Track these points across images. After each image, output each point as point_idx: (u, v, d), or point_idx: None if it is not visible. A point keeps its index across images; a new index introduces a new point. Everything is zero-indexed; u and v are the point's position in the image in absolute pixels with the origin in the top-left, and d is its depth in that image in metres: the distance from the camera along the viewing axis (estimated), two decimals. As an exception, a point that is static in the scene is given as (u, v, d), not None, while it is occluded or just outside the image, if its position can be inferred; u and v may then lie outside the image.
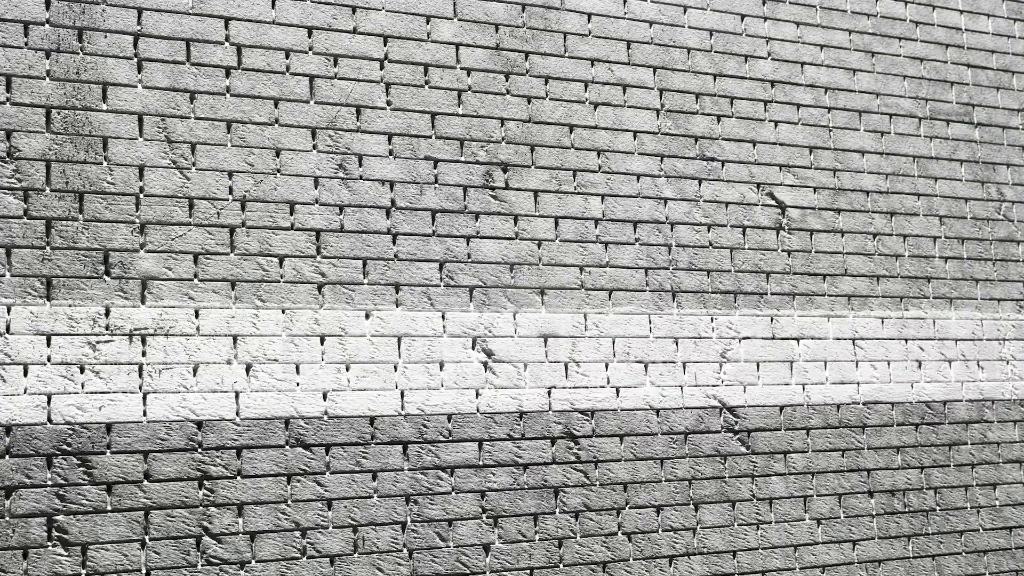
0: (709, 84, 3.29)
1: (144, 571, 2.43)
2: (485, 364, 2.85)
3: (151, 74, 2.62)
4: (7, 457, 2.36)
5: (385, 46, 2.89)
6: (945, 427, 3.44)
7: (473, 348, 2.84)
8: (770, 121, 3.36)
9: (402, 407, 2.74)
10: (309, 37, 2.80)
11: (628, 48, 3.20)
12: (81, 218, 2.50)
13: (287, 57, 2.77)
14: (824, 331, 3.32)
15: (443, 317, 2.82)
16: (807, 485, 3.20)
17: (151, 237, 2.56)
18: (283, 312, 2.66)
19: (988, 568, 3.42)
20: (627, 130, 3.15)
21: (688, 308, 3.13)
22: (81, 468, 2.41)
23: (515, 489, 2.83)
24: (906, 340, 3.44)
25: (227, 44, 2.71)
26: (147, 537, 2.45)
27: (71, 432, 2.42)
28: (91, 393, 2.45)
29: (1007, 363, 3.58)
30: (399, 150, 2.85)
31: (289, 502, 2.59)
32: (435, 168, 2.89)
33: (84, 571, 2.39)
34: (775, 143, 3.35)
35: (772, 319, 3.24)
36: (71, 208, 2.49)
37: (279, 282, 2.67)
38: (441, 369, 2.80)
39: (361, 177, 2.80)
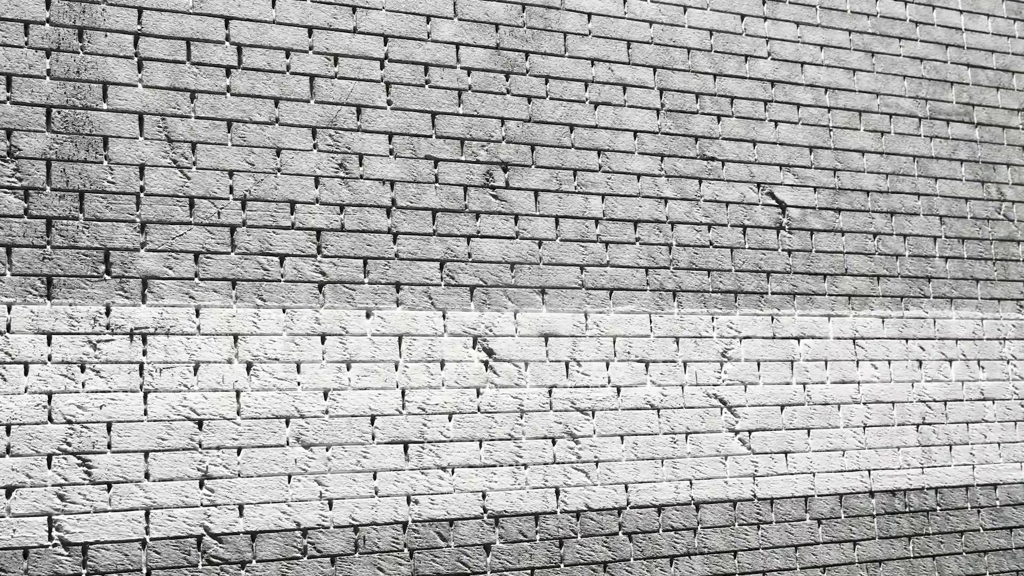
0: (709, 84, 3.29)
1: (144, 571, 2.43)
2: (486, 363, 2.85)
3: (151, 73, 2.62)
4: (7, 456, 2.36)
5: (385, 46, 2.89)
6: (946, 426, 3.44)
7: (474, 347, 2.84)
8: (770, 121, 3.36)
9: (403, 406, 2.74)
10: (309, 36, 2.80)
11: (628, 48, 3.20)
12: (82, 217, 2.50)
13: (287, 56, 2.77)
14: (824, 331, 3.32)
15: (444, 316, 2.82)
16: (808, 485, 3.19)
17: (152, 236, 2.56)
18: (284, 311, 2.66)
19: (988, 568, 3.42)
20: (627, 130, 3.15)
21: (689, 307, 3.13)
22: (81, 467, 2.41)
23: (516, 489, 2.83)
24: (906, 340, 3.44)
25: (227, 43, 2.71)
26: (148, 537, 2.44)
27: (71, 431, 2.41)
28: (92, 392, 2.44)
29: (1007, 363, 3.58)
30: (399, 149, 2.85)
31: (290, 502, 2.58)
32: (435, 167, 2.89)
33: (84, 571, 2.38)
34: (775, 143, 3.35)
35: (773, 318, 3.24)
36: (71, 207, 2.49)
37: (280, 281, 2.67)
38: (442, 368, 2.80)
39: (362, 176, 2.80)
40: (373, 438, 2.70)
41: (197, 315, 2.57)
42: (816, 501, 3.20)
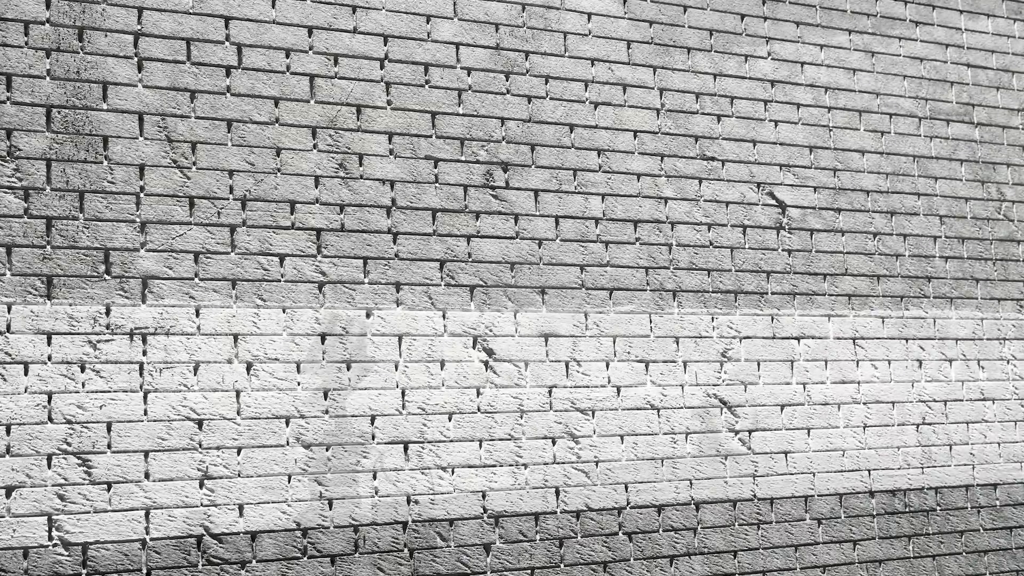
0: (709, 84, 3.29)
1: (144, 571, 2.43)
2: (486, 363, 2.85)
3: (151, 73, 2.62)
4: (7, 456, 2.36)
5: (385, 46, 2.89)
6: (946, 426, 3.44)
7: (474, 347, 2.84)
8: (770, 121, 3.36)
9: (403, 406, 2.74)
10: (309, 36, 2.80)
11: (628, 48, 3.20)
12: (82, 217, 2.50)
13: (287, 56, 2.77)
14: (824, 331, 3.32)
15: (444, 316, 2.82)
16: (808, 485, 3.19)
17: (152, 236, 2.56)
18: (284, 311, 2.66)
19: (988, 568, 3.42)
20: (627, 130, 3.15)
21: (689, 307, 3.13)
22: (81, 467, 2.41)
23: (516, 489, 2.83)
24: (906, 340, 3.44)
25: (227, 43, 2.71)
26: (148, 537, 2.44)
27: (71, 431, 2.41)
28: (92, 392, 2.44)
29: (1007, 363, 3.58)
30: (399, 149, 2.85)
31: (290, 502, 2.58)
32: (435, 167, 2.89)
33: (84, 571, 2.38)
34: (775, 143, 3.35)
35: (772, 318, 3.24)
36: (72, 207, 2.49)
37: (280, 281, 2.67)
38: (442, 368, 2.80)
39: (362, 176, 2.80)
40: (373, 438, 2.70)
41: (197, 315, 2.57)
42: (816, 501, 3.20)
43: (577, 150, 3.07)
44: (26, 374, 2.40)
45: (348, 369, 2.70)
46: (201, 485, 2.51)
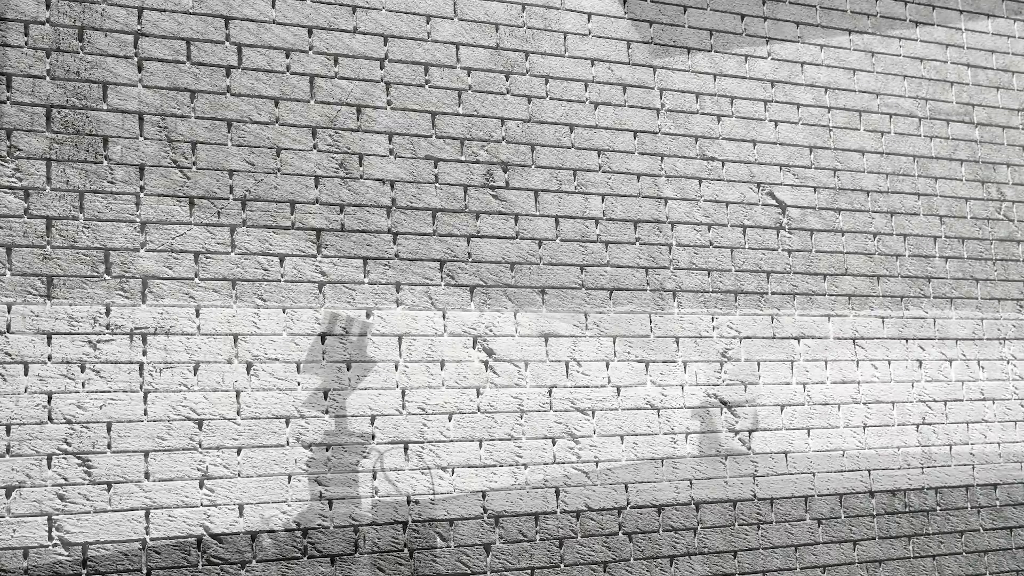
0: (709, 84, 3.29)
1: (144, 571, 2.43)
2: (486, 363, 2.85)
3: (151, 73, 2.62)
4: (7, 456, 2.36)
5: (385, 45, 2.89)
6: (946, 426, 3.44)
7: (474, 347, 2.84)
8: (770, 121, 3.36)
9: (403, 406, 2.74)
10: (309, 36, 2.80)
11: (628, 48, 3.20)
12: (82, 217, 2.50)
13: (287, 56, 2.77)
14: (824, 330, 3.32)
15: (444, 316, 2.82)
16: (808, 485, 3.19)
17: (151, 236, 2.56)
18: (284, 311, 2.66)
19: (988, 568, 3.42)
20: (627, 130, 3.15)
21: (688, 307, 3.13)
22: (81, 467, 2.41)
23: (516, 488, 2.83)
24: (906, 340, 3.44)
25: (227, 43, 2.71)
26: (148, 537, 2.44)
27: (71, 431, 2.41)
28: (92, 392, 2.44)
29: (1007, 363, 3.58)
30: (399, 149, 2.85)
31: (290, 502, 2.58)
32: (435, 167, 2.89)
33: (84, 571, 2.38)
34: (775, 143, 3.35)
35: (772, 318, 3.24)
36: (72, 207, 2.49)
37: (280, 281, 2.67)
38: (442, 368, 2.80)
39: (362, 176, 2.80)
40: (373, 438, 2.70)
41: (197, 315, 2.57)
42: (816, 501, 3.20)
43: (577, 150, 3.07)
44: (26, 374, 2.40)
45: (348, 369, 2.70)
46: (201, 485, 2.51)
